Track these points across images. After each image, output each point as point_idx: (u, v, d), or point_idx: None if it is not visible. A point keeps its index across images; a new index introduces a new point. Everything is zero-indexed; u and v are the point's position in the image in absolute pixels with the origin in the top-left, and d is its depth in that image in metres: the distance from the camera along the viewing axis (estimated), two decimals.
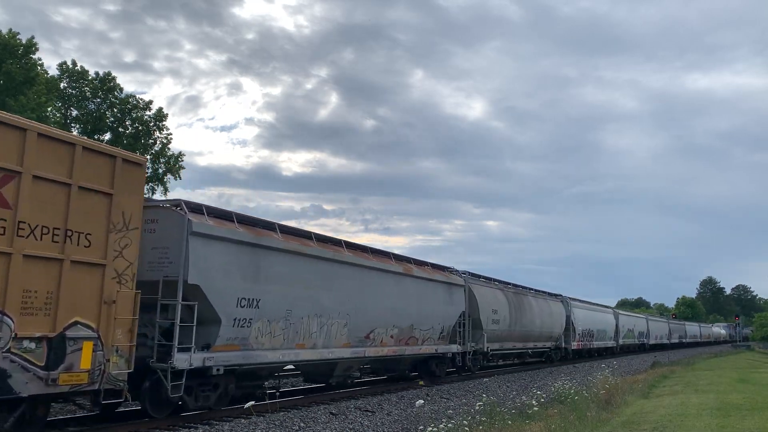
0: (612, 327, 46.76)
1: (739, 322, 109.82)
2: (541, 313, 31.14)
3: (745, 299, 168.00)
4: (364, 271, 16.73)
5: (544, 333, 31.51)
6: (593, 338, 40.53)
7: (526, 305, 29.08)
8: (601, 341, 42.90)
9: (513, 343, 27.50)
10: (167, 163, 47.30)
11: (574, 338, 36.30)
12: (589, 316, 40.17)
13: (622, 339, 49.57)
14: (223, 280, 11.89)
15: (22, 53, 33.61)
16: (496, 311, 25.08)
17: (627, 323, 52.61)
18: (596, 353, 43.39)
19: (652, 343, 61.59)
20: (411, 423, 13.28)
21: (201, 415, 12.35)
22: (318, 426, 12.35)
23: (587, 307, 41.13)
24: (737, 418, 11.85)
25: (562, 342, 34.77)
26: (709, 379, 22.85)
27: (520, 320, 27.67)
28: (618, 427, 11.31)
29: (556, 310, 34.00)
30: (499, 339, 25.54)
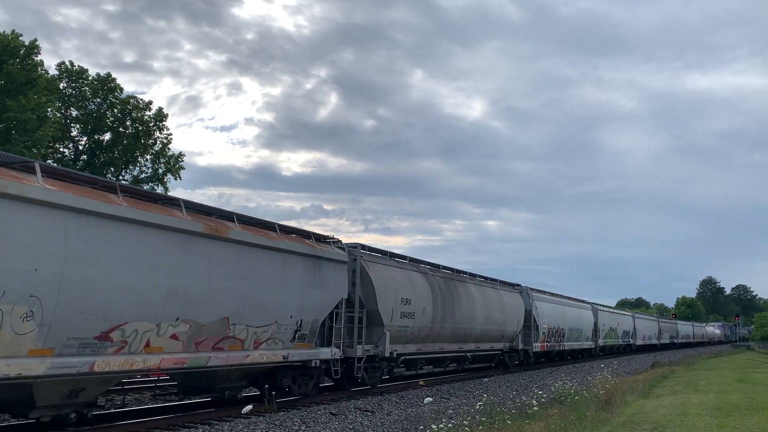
0: (590, 325, 40.63)
1: (738, 322, 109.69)
2: (488, 306, 24.52)
3: (745, 299, 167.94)
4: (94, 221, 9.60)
5: (491, 331, 25.04)
6: (564, 338, 34.53)
7: (462, 295, 22.54)
8: (575, 342, 36.95)
9: (441, 344, 21.28)
10: (167, 163, 47.35)
11: (537, 338, 30.26)
12: (557, 312, 34.05)
13: (602, 339, 43.64)
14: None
15: (24, 54, 33.61)
16: (409, 301, 18.75)
17: (609, 321, 46.27)
18: (569, 356, 37.86)
19: (639, 344, 56.09)
20: (411, 423, 13.29)
21: (201, 415, 12.36)
22: (318, 426, 12.35)
23: (556, 301, 34.83)
24: (737, 418, 11.84)
25: (519, 343, 28.35)
26: (709, 379, 22.84)
27: (452, 314, 21.39)
28: (618, 427, 11.31)
29: (512, 302, 27.49)
30: (415, 339, 19.59)
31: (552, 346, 32.91)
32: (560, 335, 34.02)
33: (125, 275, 9.94)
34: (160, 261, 10.60)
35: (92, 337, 9.60)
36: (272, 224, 14.18)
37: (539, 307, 31.01)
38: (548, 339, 32.09)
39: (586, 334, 39.43)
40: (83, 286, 9.30)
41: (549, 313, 32.34)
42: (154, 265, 10.48)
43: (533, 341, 29.69)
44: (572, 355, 38.45)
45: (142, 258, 10.27)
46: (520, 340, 28.52)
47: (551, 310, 33.06)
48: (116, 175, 44.61)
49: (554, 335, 33.14)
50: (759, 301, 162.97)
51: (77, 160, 44.15)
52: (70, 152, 45.18)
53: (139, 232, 10.25)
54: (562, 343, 34.54)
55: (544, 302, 32.29)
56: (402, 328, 18.52)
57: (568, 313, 35.97)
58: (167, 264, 10.75)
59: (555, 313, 33.44)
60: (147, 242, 10.41)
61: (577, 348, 38.04)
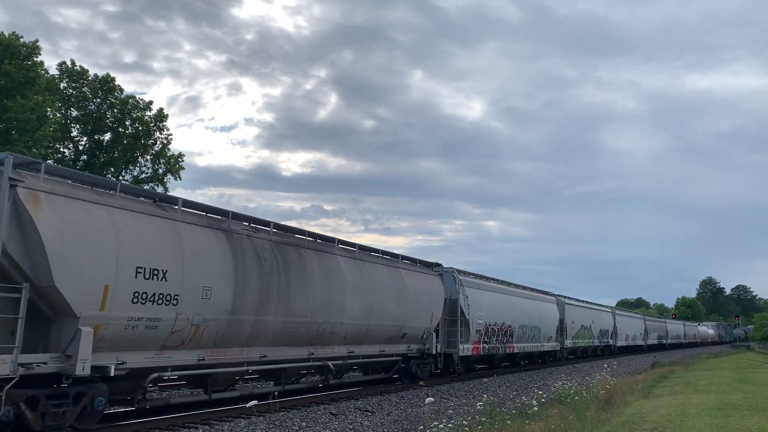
0: (553, 322, 33.25)
1: (738, 322, 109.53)
2: (372, 291, 17.06)
3: (745, 299, 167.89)
4: None
5: (380, 329, 17.64)
6: (513, 338, 27.29)
7: (313, 271, 14.80)
8: (530, 342, 29.73)
9: (265, 348, 13.64)
10: (167, 163, 47.37)
11: (468, 338, 22.89)
12: (502, 304, 26.47)
13: (570, 339, 36.25)
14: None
15: (25, 55, 33.61)
16: (164, 274, 10.90)
17: (580, 318, 38.68)
18: (524, 360, 30.91)
19: (621, 345, 49.46)
20: (411, 423, 13.29)
21: (201, 415, 12.37)
22: (318, 426, 12.35)
23: (499, 289, 27.19)
24: (737, 418, 11.85)
25: (434, 345, 20.69)
26: (708, 379, 22.85)
27: (287, 300, 13.81)
28: (618, 427, 11.31)
29: (423, 287, 20.02)
30: (194, 342, 11.76)
31: (493, 349, 25.31)
32: (506, 334, 26.59)
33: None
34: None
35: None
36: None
37: (471, 296, 23.38)
38: (486, 339, 24.67)
39: (548, 333, 32.16)
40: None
41: (487, 304, 24.76)
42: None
43: (460, 342, 22.26)
44: (529, 360, 31.76)
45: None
46: (437, 341, 21.07)
47: (491, 300, 25.39)
48: (116, 175, 44.61)
49: (496, 334, 25.59)
50: (759, 302, 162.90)
51: (77, 160, 44.15)
52: (70, 152, 45.17)
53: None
54: (509, 345, 27.09)
55: (480, 290, 24.59)
56: (137, 323, 10.45)
57: (520, 306, 28.49)
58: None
59: (497, 304, 25.87)
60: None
61: (535, 350, 30.76)
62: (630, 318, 55.81)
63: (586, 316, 40.50)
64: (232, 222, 13.19)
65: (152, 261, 10.68)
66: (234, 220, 13.31)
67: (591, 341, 41.23)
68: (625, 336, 50.93)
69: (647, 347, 58.43)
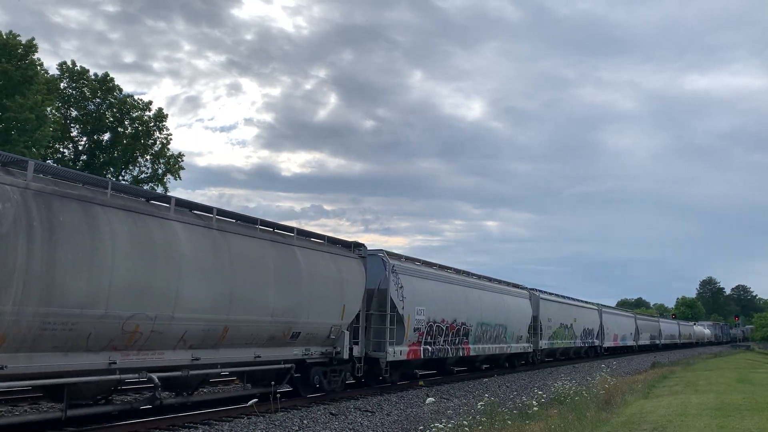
0: (525, 319, 28.78)
1: (738, 322, 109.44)
2: (231, 272, 12.45)
3: (745, 299, 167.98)
4: None
5: (243, 326, 12.81)
6: (468, 337, 22.93)
7: (102, 238, 9.92)
8: (495, 343, 25.38)
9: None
10: (167, 163, 47.40)
11: (403, 339, 18.47)
12: (454, 297, 22.13)
13: (546, 340, 31.85)
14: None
15: (22, 54, 33.63)
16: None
17: (558, 315, 34.12)
18: (491, 364, 27.12)
19: (609, 346, 45.23)
20: (411, 423, 13.29)
21: (201, 414, 12.37)
22: (318, 426, 12.36)
23: (448, 279, 22.45)
24: (737, 418, 11.85)
25: (346, 347, 16.16)
26: (708, 379, 22.85)
27: (21, 285, 8.68)
28: (618, 427, 11.31)
29: (328, 273, 15.49)
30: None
31: (440, 351, 20.81)
32: (459, 333, 22.31)
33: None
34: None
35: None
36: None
37: (409, 286, 18.96)
38: (430, 339, 20.20)
39: (518, 333, 27.77)
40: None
41: (432, 297, 20.50)
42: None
43: (390, 344, 17.73)
44: (495, 363, 27.34)
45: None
46: (353, 342, 16.66)
47: (438, 293, 21.04)
48: (116, 175, 44.63)
49: (445, 334, 21.22)
50: (759, 302, 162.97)
51: (77, 160, 44.17)
52: (70, 152, 45.21)
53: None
54: (463, 346, 22.65)
55: (421, 279, 20.14)
56: None
57: (479, 301, 24.09)
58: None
59: (446, 298, 21.65)
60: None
61: (499, 353, 26.28)
62: (619, 316, 51.26)
63: (567, 314, 35.86)
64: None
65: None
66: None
67: (572, 342, 36.69)
68: (614, 336, 46.87)
69: (638, 348, 54.86)
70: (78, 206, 9.66)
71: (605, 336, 44.11)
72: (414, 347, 19.34)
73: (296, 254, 14.48)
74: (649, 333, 59.43)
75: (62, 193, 9.51)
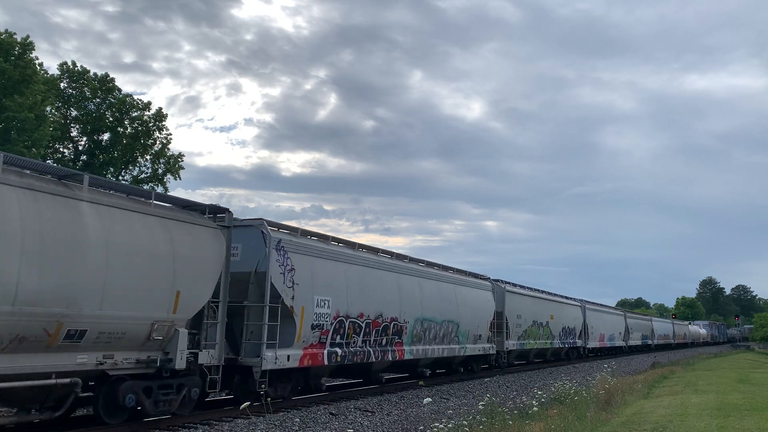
0: (484, 316, 24.12)
1: (739, 322, 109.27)
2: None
3: (744, 299, 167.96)
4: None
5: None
6: (402, 337, 18.44)
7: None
8: (442, 344, 20.96)
9: None
10: (167, 163, 47.41)
11: (292, 340, 14.22)
12: (379, 286, 17.65)
13: (516, 340, 27.57)
14: None
15: (19, 52, 33.61)
16: None
17: (530, 311, 29.57)
18: (433, 369, 21.90)
19: (594, 347, 40.60)
20: (411, 423, 13.28)
21: (201, 415, 12.36)
22: (318, 426, 12.35)
23: (370, 263, 17.56)
24: (737, 418, 11.84)
25: (180, 354, 11.20)
26: (708, 380, 22.85)
27: None
28: (618, 427, 11.31)
29: (150, 246, 10.72)
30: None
31: (355, 355, 16.37)
32: (389, 332, 17.74)
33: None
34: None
35: None
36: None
37: (303, 269, 14.63)
38: (340, 339, 15.85)
39: (476, 332, 23.33)
40: None
41: (343, 283, 16.08)
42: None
43: (270, 346, 13.45)
44: (447, 368, 23.03)
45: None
46: (187, 344, 11.55)
47: (352, 278, 16.46)
48: (116, 175, 44.62)
49: (365, 332, 16.74)
50: (759, 302, 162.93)
51: (77, 160, 44.15)
52: (70, 152, 45.20)
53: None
54: (395, 348, 18.03)
55: (324, 260, 15.50)
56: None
57: (417, 291, 19.44)
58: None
59: (371, 286, 17.18)
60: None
61: (450, 355, 21.61)
62: (606, 314, 45.85)
63: (541, 310, 31.33)
64: None
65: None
66: None
67: (548, 342, 32.21)
68: (600, 336, 42.16)
69: (628, 348, 50.30)
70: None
71: (590, 335, 39.57)
72: (312, 350, 14.73)
73: (81, 213, 9.77)
74: (640, 333, 55.65)
75: None
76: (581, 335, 38.14)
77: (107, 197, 10.48)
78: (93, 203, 10.03)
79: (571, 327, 36.25)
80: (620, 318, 50.21)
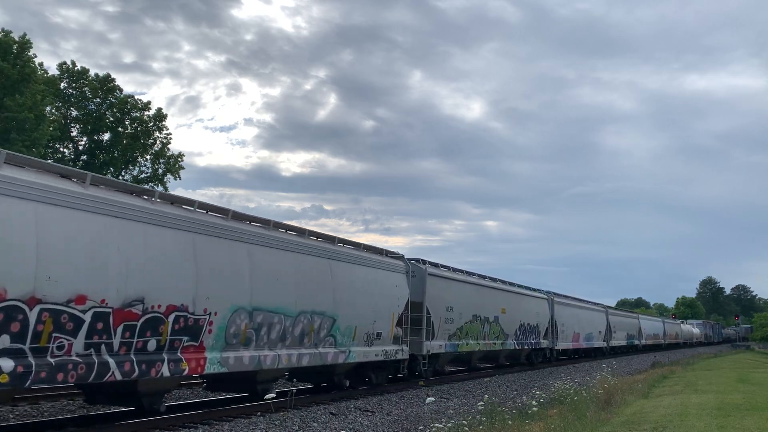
0: (386, 307, 17.60)
1: (738, 322, 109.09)
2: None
3: (745, 299, 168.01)
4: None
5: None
6: (203, 338, 11.42)
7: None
8: (298, 348, 14.00)
9: None
10: (167, 163, 47.44)
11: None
12: (156, 260, 10.55)
13: (445, 341, 21.24)
14: None
15: (18, 51, 33.62)
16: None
17: (467, 304, 22.98)
18: (296, 380, 16.91)
19: (564, 348, 34.95)
20: (411, 423, 13.28)
21: (201, 415, 12.36)
22: (318, 426, 12.35)
23: (128, 212, 10.22)
24: (737, 418, 11.84)
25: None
26: (708, 379, 22.85)
27: None
28: (618, 427, 11.31)
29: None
30: None
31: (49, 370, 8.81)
32: (157, 329, 10.60)
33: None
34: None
35: None
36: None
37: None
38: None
39: (370, 329, 17.00)
40: None
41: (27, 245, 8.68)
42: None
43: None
44: (328, 380, 16.87)
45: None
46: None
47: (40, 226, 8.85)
48: (116, 175, 44.64)
49: (52, 325, 8.91)
50: (759, 301, 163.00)
51: (77, 160, 44.17)
52: (70, 152, 45.23)
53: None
54: (173, 358, 10.93)
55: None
56: None
57: (243, 262, 12.69)
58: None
59: (111, 250, 9.90)
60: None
61: (317, 364, 14.83)
62: (581, 309, 38.73)
63: (486, 301, 24.79)
64: None
65: None
66: None
67: (498, 342, 25.74)
68: (573, 335, 36.03)
69: (610, 350, 44.14)
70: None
71: (560, 335, 33.62)
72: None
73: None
74: (625, 332, 49.78)
75: None
76: (548, 334, 32.08)
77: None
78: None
79: (533, 324, 29.85)
80: (601, 315, 43.52)
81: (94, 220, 9.63)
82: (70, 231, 9.28)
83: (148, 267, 10.42)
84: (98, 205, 9.73)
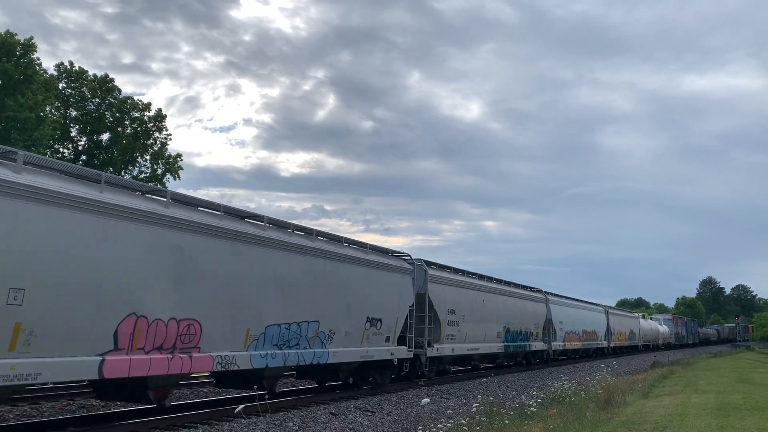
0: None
1: (737, 322, 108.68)
2: None
3: (744, 299, 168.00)
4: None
5: None
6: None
7: None
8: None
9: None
10: (166, 163, 47.43)
11: None
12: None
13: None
14: None
15: (21, 53, 33.64)
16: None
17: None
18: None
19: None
20: (411, 423, 13.28)
21: (201, 415, 12.35)
22: (318, 426, 12.34)
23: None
24: (737, 418, 11.84)
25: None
26: (708, 379, 22.84)
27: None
28: (618, 427, 11.30)
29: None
30: None
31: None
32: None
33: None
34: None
35: None
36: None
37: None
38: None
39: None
40: None
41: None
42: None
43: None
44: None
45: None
46: None
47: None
48: (115, 174, 44.65)
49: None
50: (759, 301, 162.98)
51: (77, 160, 44.14)
52: (70, 152, 45.21)
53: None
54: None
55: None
56: None
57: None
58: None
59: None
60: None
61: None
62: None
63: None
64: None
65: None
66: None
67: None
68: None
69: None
70: None
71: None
72: None
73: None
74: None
75: None
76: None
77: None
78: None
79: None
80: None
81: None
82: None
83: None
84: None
